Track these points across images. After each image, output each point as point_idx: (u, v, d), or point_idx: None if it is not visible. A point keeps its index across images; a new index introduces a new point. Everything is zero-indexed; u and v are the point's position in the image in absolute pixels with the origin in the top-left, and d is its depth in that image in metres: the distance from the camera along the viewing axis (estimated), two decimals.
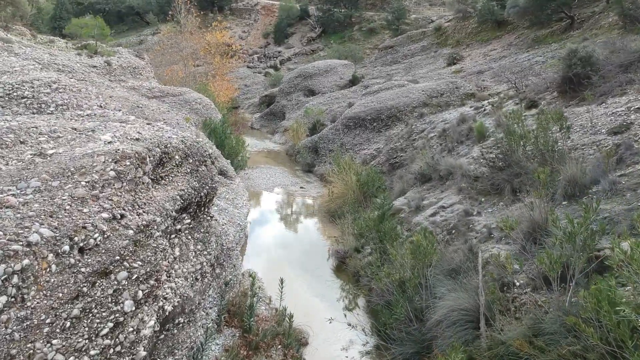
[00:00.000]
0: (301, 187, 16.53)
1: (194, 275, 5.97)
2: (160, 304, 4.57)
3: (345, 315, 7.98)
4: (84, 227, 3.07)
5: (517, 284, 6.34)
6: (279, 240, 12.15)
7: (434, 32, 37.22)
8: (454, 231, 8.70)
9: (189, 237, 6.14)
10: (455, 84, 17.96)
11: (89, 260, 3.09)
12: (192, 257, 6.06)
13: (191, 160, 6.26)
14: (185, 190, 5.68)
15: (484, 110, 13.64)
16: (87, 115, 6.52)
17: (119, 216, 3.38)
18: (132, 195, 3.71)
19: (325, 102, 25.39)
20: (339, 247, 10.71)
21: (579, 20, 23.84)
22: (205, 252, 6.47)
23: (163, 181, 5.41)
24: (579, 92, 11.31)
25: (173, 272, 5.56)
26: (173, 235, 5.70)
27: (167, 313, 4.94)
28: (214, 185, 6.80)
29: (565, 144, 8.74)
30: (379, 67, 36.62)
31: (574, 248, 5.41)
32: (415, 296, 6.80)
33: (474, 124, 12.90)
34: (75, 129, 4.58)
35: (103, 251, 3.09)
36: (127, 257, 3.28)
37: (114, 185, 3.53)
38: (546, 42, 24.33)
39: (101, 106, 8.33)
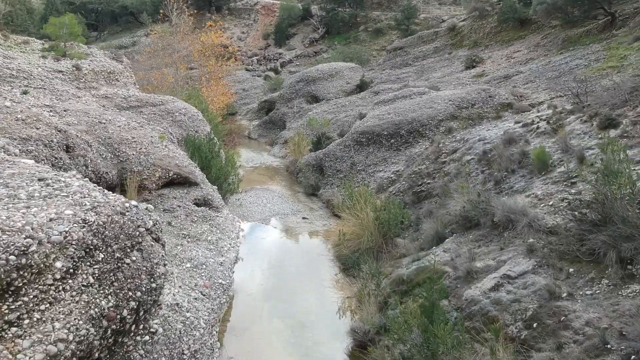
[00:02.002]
0: (304, 218, 13.63)
1: None
2: None
3: None
4: None
5: None
6: (275, 302, 9.23)
7: (447, 32, 34.33)
8: (535, 324, 5.78)
9: None
10: (489, 92, 15.03)
11: None
12: None
13: (103, 255, 3.37)
14: (71, 338, 2.78)
15: (537, 127, 10.73)
16: None
17: None
18: None
19: (330, 111, 22.50)
20: (357, 322, 7.81)
21: (621, 17, 20.91)
22: None
23: (13, 329, 2.52)
24: None
25: None
26: None
27: None
28: (154, 286, 3.90)
29: None
30: (388, 70, 33.73)
31: None
32: None
33: (527, 147, 10.00)
34: None
35: None
36: None
37: None
38: (582, 43, 21.40)
39: None
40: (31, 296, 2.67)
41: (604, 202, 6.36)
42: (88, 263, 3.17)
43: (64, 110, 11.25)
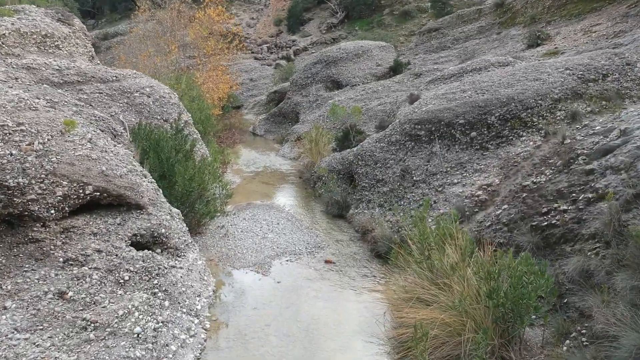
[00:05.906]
0: (327, 262, 8.22)
1: None
2: None
3: None
4: None
5: None
6: None
7: (494, 9, 28.71)
8: None
9: None
10: (624, 58, 9.40)
11: None
12: None
13: None
14: None
15: None
16: None
17: None
18: None
19: (358, 98, 17.08)
20: None
21: None
22: None
23: None
24: None
25: None
26: None
27: None
28: None
29: None
30: (422, 55, 28.17)
31: None
32: None
33: None
34: None
35: None
36: None
37: None
38: None
39: None
40: None
41: None
42: None
43: None
